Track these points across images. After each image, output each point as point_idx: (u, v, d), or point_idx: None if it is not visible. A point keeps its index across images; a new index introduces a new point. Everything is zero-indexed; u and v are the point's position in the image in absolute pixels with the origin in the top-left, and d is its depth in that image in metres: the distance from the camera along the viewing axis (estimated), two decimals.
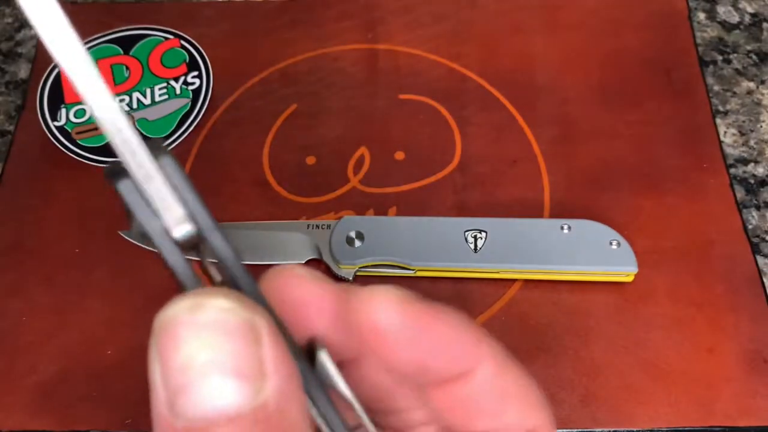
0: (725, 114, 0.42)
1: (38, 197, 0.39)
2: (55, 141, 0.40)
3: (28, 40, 0.46)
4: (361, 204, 0.39)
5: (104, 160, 0.40)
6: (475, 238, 0.36)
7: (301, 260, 0.37)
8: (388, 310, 0.15)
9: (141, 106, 0.42)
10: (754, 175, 0.40)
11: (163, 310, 0.13)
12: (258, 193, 0.39)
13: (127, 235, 0.37)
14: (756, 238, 0.38)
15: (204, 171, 0.40)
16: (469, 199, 0.39)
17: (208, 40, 0.44)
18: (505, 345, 0.17)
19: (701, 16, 0.45)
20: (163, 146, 0.14)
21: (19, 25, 0.46)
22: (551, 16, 0.45)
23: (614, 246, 0.35)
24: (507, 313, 0.35)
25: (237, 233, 0.37)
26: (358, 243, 0.36)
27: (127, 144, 0.13)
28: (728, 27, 0.45)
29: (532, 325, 0.35)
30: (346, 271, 0.36)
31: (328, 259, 0.36)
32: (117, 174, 0.14)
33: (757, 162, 0.40)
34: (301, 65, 0.44)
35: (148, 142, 0.14)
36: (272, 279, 0.16)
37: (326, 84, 0.43)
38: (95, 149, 0.40)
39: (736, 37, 0.45)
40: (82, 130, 0.41)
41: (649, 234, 0.37)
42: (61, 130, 0.41)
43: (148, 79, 0.43)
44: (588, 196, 0.39)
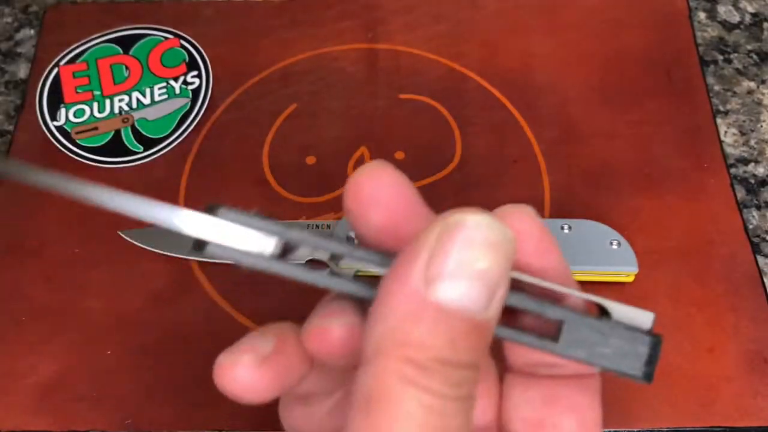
0: (726, 114, 0.42)
1: (38, 197, 0.39)
2: (55, 141, 0.40)
3: (28, 40, 0.46)
4: None
5: (103, 160, 0.40)
6: None
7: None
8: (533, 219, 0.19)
9: (140, 106, 0.42)
10: (755, 175, 0.40)
11: (459, 212, 0.16)
12: (258, 193, 0.39)
13: (127, 236, 0.37)
14: (756, 238, 0.38)
15: (204, 171, 0.40)
16: (469, 199, 0.39)
17: (208, 39, 0.44)
18: None
19: (702, 16, 0.45)
20: (213, 205, 0.17)
21: (18, 25, 0.46)
22: (552, 16, 0.45)
23: (615, 246, 0.35)
24: None
25: None
26: (358, 243, 0.36)
27: (189, 220, 0.17)
28: (729, 27, 0.45)
29: None
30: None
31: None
32: (200, 245, 0.17)
33: (757, 162, 0.40)
34: (301, 65, 0.44)
35: (207, 208, 0.17)
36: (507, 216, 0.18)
37: (326, 84, 0.43)
38: (94, 149, 0.40)
39: (737, 36, 0.45)
40: (82, 130, 0.41)
41: (649, 234, 0.37)
42: (61, 129, 0.41)
43: (147, 79, 0.43)
44: (588, 196, 0.39)
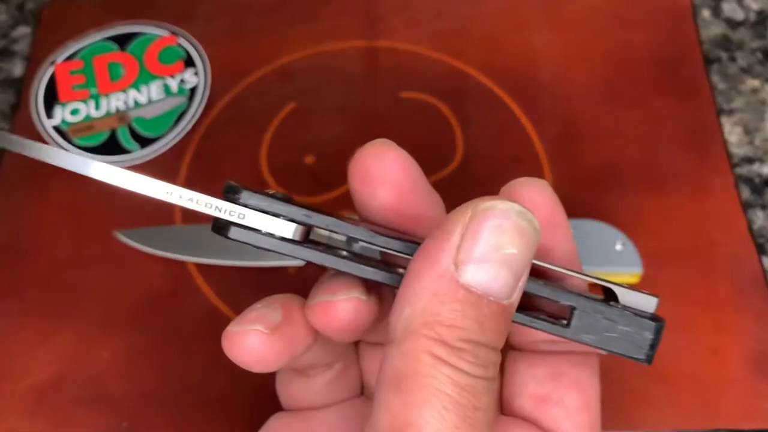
0: (730, 112, 0.41)
1: (33, 197, 0.39)
2: (51, 140, 0.40)
3: (23, 38, 0.45)
4: None
5: (99, 159, 0.40)
6: None
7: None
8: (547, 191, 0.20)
9: (137, 105, 0.41)
10: (759, 175, 0.39)
11: (490, 199, 0.18)
12: None
13: (123, 236, 0.37)
14: (761, 239, 0.37)
15: (201, 170, 0.40)
16: (470, 199, 0.38)
17: (205, 37, 0.44)
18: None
19: (706, 14, 0.45)
20: (234, 185, 0.17)
21: (13, 23, 0.46)
22: (554, 13, 0.45)
23: (619, 247, 0.35)
24: None
25: None
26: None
27: (210, 205, 0.17)
28: (733, 24, 0.45)
29: None
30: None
31: None
32: (222, 227, 0.17)
33: (762, 161, 0.40)
34: (300, 63, 0.43)
35: (226, 189, 0.17)
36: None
37: (326, 82, 0.43)
38: (91, 148, 0.40)
39: (741, 34, 0.44)
40: (78, 129, 0.41)
41: (653, 234, 0.37)
42: (57, 128, 0.40)
43: (144, 77, 0.42)
44: (591, 196, 0.38)
